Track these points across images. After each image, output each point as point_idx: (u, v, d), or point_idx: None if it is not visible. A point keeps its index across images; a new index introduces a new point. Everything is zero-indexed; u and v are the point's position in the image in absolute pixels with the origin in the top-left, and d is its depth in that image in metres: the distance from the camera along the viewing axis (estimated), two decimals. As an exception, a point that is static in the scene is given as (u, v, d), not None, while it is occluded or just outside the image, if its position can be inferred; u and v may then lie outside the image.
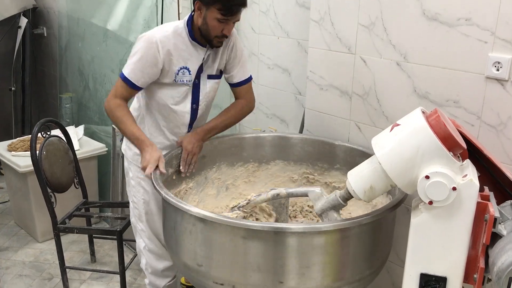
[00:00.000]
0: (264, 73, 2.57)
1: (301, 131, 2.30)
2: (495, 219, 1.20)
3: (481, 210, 1.24)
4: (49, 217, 2.45)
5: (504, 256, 1.15)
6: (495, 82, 1.55)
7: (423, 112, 1.31)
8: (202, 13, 1.80)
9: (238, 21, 1.85)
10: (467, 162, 1.32)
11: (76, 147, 3.11)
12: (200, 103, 2.00)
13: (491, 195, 1.32)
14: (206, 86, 1.98)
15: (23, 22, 3.97)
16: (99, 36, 3.34)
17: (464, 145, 1.27)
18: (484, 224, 1.25)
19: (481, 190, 1.30)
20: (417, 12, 1.70)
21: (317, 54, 2.10)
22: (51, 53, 4.17)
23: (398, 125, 1.31)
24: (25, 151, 3.05)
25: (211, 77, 1.99)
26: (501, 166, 1.37)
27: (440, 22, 1.65)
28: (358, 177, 1.39)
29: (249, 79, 2.07)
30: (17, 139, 3.30)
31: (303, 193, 1.53)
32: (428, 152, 1.23)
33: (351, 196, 1.43)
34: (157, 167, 1.73)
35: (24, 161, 2.92)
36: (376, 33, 1.86)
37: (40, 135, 2.49)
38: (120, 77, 1.88)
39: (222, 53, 1.98)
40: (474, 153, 1.38)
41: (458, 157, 1.29)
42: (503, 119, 1.56)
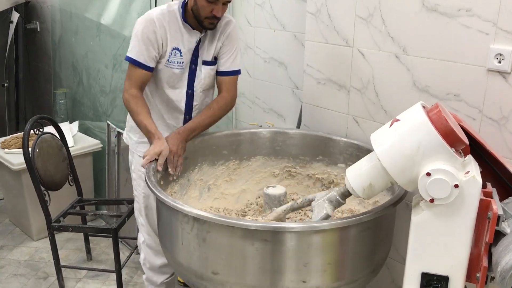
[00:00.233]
0: (260, 66, 2.52)
1: (298, 126, 2.26)
2: (499, 216, 1.17)
3: (484, 207, 1.21)
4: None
5: (508, 255, 1.11)
6: (497, 75, 1.51)
7: (423, 106, 1.27)
8: None
9: (229, 2, 1.82)
10: (469, 157, 1.28)
11: (71, 143, 3.07)
12: (195, 89, 1.98)
13: (494, 191, 1.28)
14: (202, 72, 1.96)
15: (15, 17, 3.90)
16: (93, 31, 3.29)
17: (466, 141, 1.23)
18: (487, 221, 1.21)
19: (484, 186, 1.26)
20: (416, 3, 1.66)
21: (314, 47, 2.05)
22: (45, 48, 4.11)
23: (398, 120, 1.27)
24: (19, 148, 3.00)
25: (206, 63, 1.97)
26: (503, 161, 1.33)
27: (440, 13, 1.60)
28: (357, 174, 1.35)
29: (237, 72, 2.01)
30: (10, 136, 3.25)
31: (304, 204, 1.50)
32: (429, 149, 1.20)
33: (350, 194, 1.39)
34: (156, 161, 1.70)
35: (17, 158, 2.88)
36: (374, 25, 1.81)
37: (32, 132, 2.45)
38: (129, 62, 1.87)
39: (218, 40, 1.96)
40: (475, 148, 1.35)
41: (460, 153, 1.25)
42: (505, 113, 1.52)
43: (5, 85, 4.02)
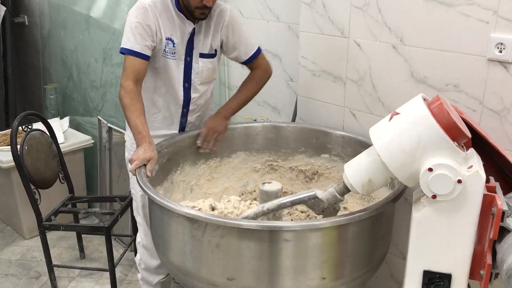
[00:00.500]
0: (253, 59, 2.46)
1: (293, 120, 2.22)
2: (503, 212, 1.13)
3: (487, 203, 1.17)
4: (35, 214, 2.36)
5: (514, 253, 1.08)
6: (497, 65, 1.47)
7: (424, 99, 1.22)
8: None
9: None
10: (471, 151, 1.24)
11: (61, 140, 3.01)
12: (192, 82, 1.91)
13: (497, 185, 1.24)
14: (198, 65, 1.90)
15: (2, 10, 3.80)
16: (82, 24, 3.21)
17: (469, 134, 1.19)
18: (490, 217, 1.17)
19: (487, 180, 1.22)
20: (414, -8, 1.61)
21: (308, 39, 2.00)
22: (33, 42, 4.02)
23: (397, 113, 1.23)
24: (8, 145, 2.93)
25: (203, 55, 1.90)
26: (506, 154, 1.29)
27: (439, 1, 1.55)
28: (356, 170, 1.31)
29: (258, 50, 1.98)
30: (-1, 132, 3.18)
31: (297, 201, 1.42)
32: (430, 143, 1.15)
33: (348, 190, 1.34)
34: (145, 166, 1.60)
35: (6, 156, 2.80)
36: (370, 15, 1.76)
37: (21, 129, 2.38)
38: (124, 53, 1.77)
39: (215, 31, 1.89)
40: (477, 141, 1.30)
41: (462, 146, 1.21)
42: (507, 104, 1.47)
43: (-6, 80, 3.94)
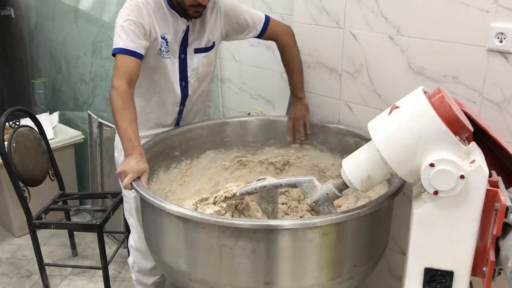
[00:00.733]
0: (246, 51, 2.41)
1: (288, 113, 2.17)
2: (507, 208, 1.09)
3: (490, 198, 1.13)
4: (25, 212, 2.31)
5: (519, 250, 1.05)
6: (498, 55, 1.43)
7: (424, 92, 1.18)
8: None
9: None
10: (473, 145, 1.20)
11: (51, 135, 2.95)
12: (189, 79, 1.84)
13: (500, 180, 1.20)
14: (194, 61, 1.83)
15: (-13, 3, 3.72)
16: (70, 16, 3.14)
17: (471, 128, 1.16)
18: (493, 213, 1.14)
19: (489, 175, 1.19)
20: (411, -20, 1.57)
21: (303, 30, 1.95)
22: (20, 35, 3.93)
23: (397, 107, 1.19)
24: (-4, 142, 2.87)
25: (198, 51, 1.83)
26: (507, 147, 1.26)
27: (437, -10, 1.51)
28: (354, 166, 1.27)
29: (267, 20, 1.89)
30: (-14, 129, 3.11)
31: (292, 183, 1.39)
32: (432, 137, 1.11)
33: (347, 186, 1.31)
34: (139, 179, 1.48)
35: (-6, 153, 2.74)
36: (366, 5, 1.71)
37: (8, 125, 2.32)
38: (117, 53, 1.62)
39: (213, 23, 1.82)
40: (477, 134, 1.27)
41: (464, 140, 1.17)
42: (507, 95, 1.44)
43: (-20, 75, 3.86)
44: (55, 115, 3.28)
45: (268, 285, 1.30)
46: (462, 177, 1.09)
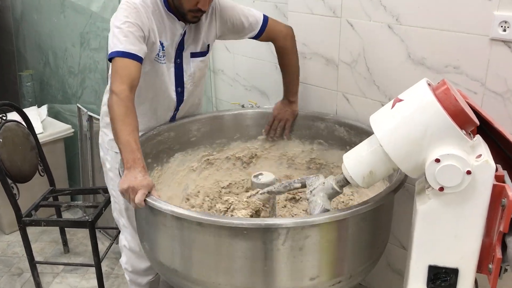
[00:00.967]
0: (240, 41, 2.34)
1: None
2: (514, 204, 1.06)
3: (497, 193, 1.10)
4: (14, 209, 2.24)
5: (528, 248, 1.01)
6: (501, 44, 1.38)
7: (428, 84, 1.14)
8: None
9: None
10: (478, 138, 1.16)
11: (39, 129, 2.87)
12: (185, 85, 1.76)
13: (506, 174, 1.17)
14: (190, 66, 1.74)
15: (-30, -7, 3.61)
16: (57, 7, 3.04)
17: (477, 121, 1.11)
18: (500, 209, 1.11)
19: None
20: (411, -33, 1.51)
21: (298, 19, 1.89)
22: (6, 26, 3.82)
23: (400, 100, 1.14)
24: (-18, 137, 2.79)
25: (195, 55, 1.74)
26: (512, 139, 1.22)
27: (438, -23, 1.46)
28: (356, 161, 1.22)
29: (265, 20, 1.79)
30: (-27, 124, 3.02)
31: (302, 183, 1.37)
32: (437, 132, 1.07)
33: (348, 182, 1.26)
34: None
35: (-19, 148, 2.67)
36: (364, -7, 1.66)
37: (-5, 120, 2.25)
38: (116, 56, 1.47)
39: (209, 25, 1.73)
40: (481, 126, 1.23)
41: (469, 134, 1.13)
42: (511, 86, 1.40)
43: (-35, 68, 3.75)
44: (44, 108, 3.20)
45: (267, 285, 1.26)
46: (468, 172, 1.05)
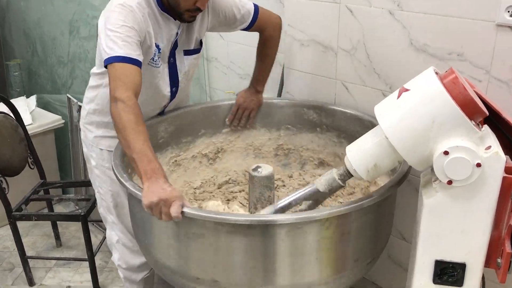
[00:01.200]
0: (234, 28, 2.28)
1: (279, 94, 2.07)
2: (525, 196, 1.02)
3: (507, 185, 1.06)
4: (3, 204, 2.18)
5: (540, 242, 0.98)
6: (507, 30, 1.34)
7: (436, 73, 1.09)
8: None
9: None
10: (486, 129, 1.12)
11: (28, 121, 2.80)
12: (180, 84, 1.68)
13: (514, 166, 1.13)
14: (184, 64, 1.67)
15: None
16: (44, -6, 2.96)
17: (486, 111, 1.07)
18: (510, 201, 1.07)
19: (504, 161, 1.11)
20: (413, -50, 1.46)
21: (295, 5, 1.83)
22: (-9, 13, 3.73)
23: (406, 90, 1.09)
24: (-31, 129, 2.72)
25: (188, 52, 1.67)
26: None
27: (441, -40, 1.41)
28: (360, 153, 1.17)
29: (256, 11, 1.72)
30: (-41, 115, 2.94)
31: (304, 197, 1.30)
32: (445, 122, 1.03)
33: (351, 175, 1.22)
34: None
35: (-31, 141, 2.59)
36: (364, -23, 1.61)
37: (-19, 112, 2.18)
38: (116, 62, 1.36)
39: (202, 20, 1.65)
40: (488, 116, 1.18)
41: (478, 125, 1.09)
42: (517, 73, 1.36)
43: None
44: (33, 99, 3.12)
45: (267, 283, 1.22)
46: (478, 165, 1.01)
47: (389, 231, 1.47)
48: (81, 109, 2.63)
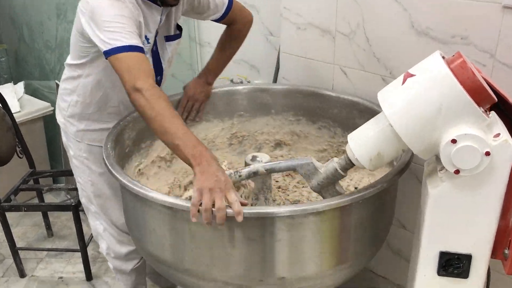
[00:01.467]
0: (227, 11, 2.21)
1: (275, 80, 2.01)
2: (535, 186, 0.98)
3: (515, 174, 1.02)
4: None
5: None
6: (514, 12, 1.29)
7: (442, 57, 1.04)
8: None
9: None
10: (494, 116, 1.07)
11: (16, 108, 2.72)
12: (164, 72, 1.62)
13: (523, 153, 1.09)
14: (167, 51, 1.61)
15: None
16: (29, -24, 2.86)
17: (495, 97, 1.02)
18: (518, 191, 1.03)
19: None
20: None
21: (291, -13, 1.77)
22: (-24, -2, 3.61)
23: (412, 75, 1.04)
24: (-45, 117, 2.64)
25: (169, 38, 1.61)
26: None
27: None
28: (362, 142, 1.13)
29: (230, 4, 1.66)
30: None
31: (288, 167, 1.24)
32: (453, 109, 0.98)
33: (353, 165, 1.17)
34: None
35: (-46, 129, 2.52)
36: (363, -43, 1.54)
37: (-34, 100, 2.11)
38: (123, 52, 1.28)
39: (177, 7, 1.58)
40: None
41: (486, 111, 1.04)
42: (523, 57, 1.31)
43: None
44: (20, 85, 3.03)
45: (265, 277, 1.18)
46: (487, 153, 0.97)
47: (390, 221, 1.43)
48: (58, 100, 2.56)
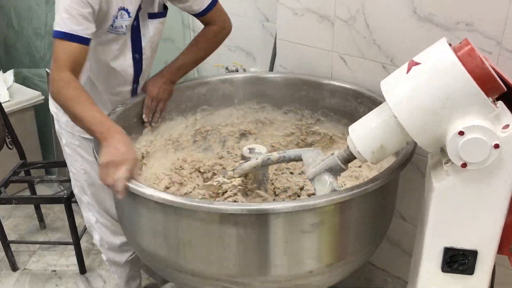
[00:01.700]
0: (222, -3, 2.14)
1: (272, 68, 1.95)
2: (545, 179, 0.94)
3: (524, 168, 0.97)
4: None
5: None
6: (522, -3, 1.23)
7: (449, 44, 0.98)
8: None
9: None
10: (501, 106, 1.02)
11: (6, 97, 2.66)
12: (144, 51, 1.56)
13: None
14: (149, 28, 1.55)
15: None
16: (16, -39, 2.78)
17: (504, 87, 0.97)
18: (526, 184, 0.99)
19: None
20: None
21: (288, -29, 1.70)
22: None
23: (417, 63, 0.99)
24: None
25: (153, 16, 1.55)
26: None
27: None
28: (364, 134, 1.08)
29: (213, 4, 1.62)
30: None
31: (297, 156, 1.21)
32: (460, 99, 0.93)
33: (354, 157, 1.12)
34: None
35: None
36: None
37: (-47, 90, 2.04)
38: (55, 37, 1.30)
39: None
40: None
41: (494, 102, 0.99)
42: (531, 45, 1.26)
43: None
44: (10, 73, 2.96)
45: (262, 274, 1.14)
46: (496, 146, 0.92)
47: (391, 215, 1.39)
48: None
